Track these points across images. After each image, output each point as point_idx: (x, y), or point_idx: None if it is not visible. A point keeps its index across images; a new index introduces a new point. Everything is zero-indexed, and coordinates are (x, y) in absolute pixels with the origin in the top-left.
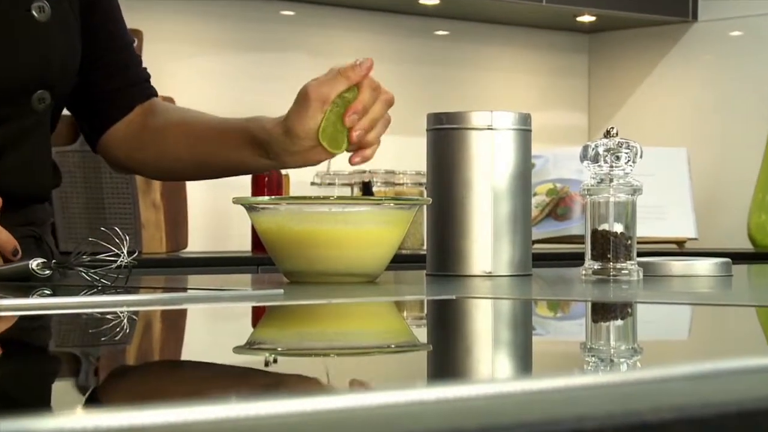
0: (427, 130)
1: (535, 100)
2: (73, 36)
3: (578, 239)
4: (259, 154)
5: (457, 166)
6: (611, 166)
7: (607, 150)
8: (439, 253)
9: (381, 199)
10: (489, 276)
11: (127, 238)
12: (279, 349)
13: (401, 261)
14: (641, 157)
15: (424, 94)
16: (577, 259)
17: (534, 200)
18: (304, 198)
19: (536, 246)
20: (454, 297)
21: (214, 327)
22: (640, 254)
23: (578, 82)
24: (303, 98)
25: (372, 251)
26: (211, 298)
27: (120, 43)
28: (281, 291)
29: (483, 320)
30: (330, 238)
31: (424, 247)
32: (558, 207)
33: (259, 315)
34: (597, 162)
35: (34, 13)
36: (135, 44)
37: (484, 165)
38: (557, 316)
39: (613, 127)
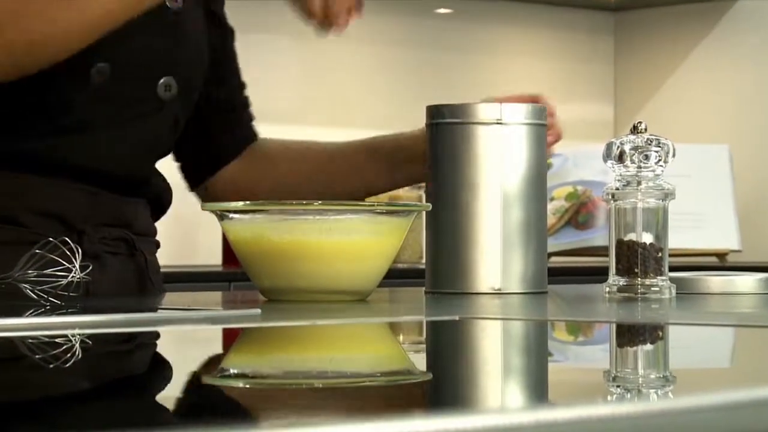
0: (426, 125)
1: (551, 90)
2: (202, 33)
3: (602, 251)
4: (384, 168)
5: (461, 166)
6: (639, 167)
7: (635, 148)
8: (440, 268)
9: (373, 205)
10: (498, 293)
11: (80, 250)
12: (255, 377)
13: (396, 276)
14: (674, 156)
15: (422, 83)
16: (600, 274)
17: (551, 206)
18: (284, 203)
19: (553, 259)
20: (457, 318)
21: (180, 352)
22: (673, 268)
23: (602, 69)
24: None
25: (362, 265)
26: (176, 319)
27: (235, 82)
28: (258, 311)
29: (491, 344)
30: (314, 250)
31: (423, 261)
32: (579, 214)
33: (231, 338)
34: (623, 162)
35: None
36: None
37: (492, 165)
38: (577, 340)
39: (641, 122)
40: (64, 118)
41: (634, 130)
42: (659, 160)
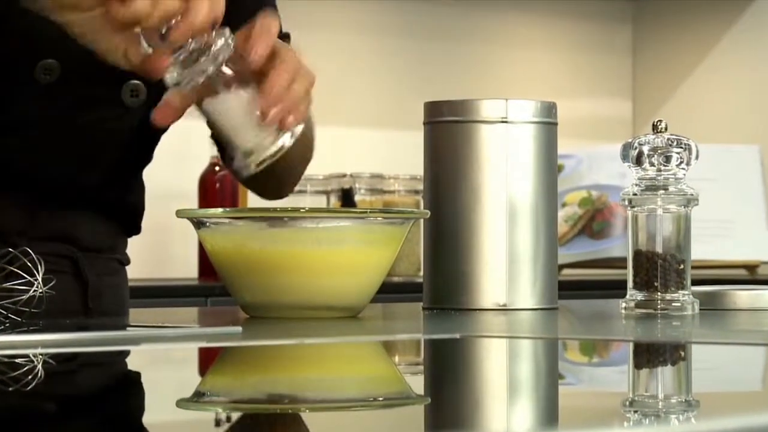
0: (424, 124)
1: (563, 85)
2: None
3: (618, 263)
4: None
5: (463, 169)
6: (659, 170)
7: (655, 149)
8: (439, 281)
9: (365, 211)
10: (503, 310)
11: (42, 262)
12: (234, 402)
13: (391, 291)
14: (698, 157)
15: (421, 77)
16: (616, 288)
17: (562, 213)
18: (267, 210)
19: (565, 272)
20: (458, 336)
21: (153, 374)
22: (697, 282)
23: (620, 62)
24: None
25: (354, 278)
26: (147, 338)
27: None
28: (239, 329)
29: (495, 365)
30: (300, 262)
31: (421, 273)
32: (593, 221)
33: (209, 359)
34: (641, 164)
35: None
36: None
37: (497, 168)
38: (591, 360)
39: (661, 120)
40: (1, 117)
41: (654, 129)
42: (681, 162)
